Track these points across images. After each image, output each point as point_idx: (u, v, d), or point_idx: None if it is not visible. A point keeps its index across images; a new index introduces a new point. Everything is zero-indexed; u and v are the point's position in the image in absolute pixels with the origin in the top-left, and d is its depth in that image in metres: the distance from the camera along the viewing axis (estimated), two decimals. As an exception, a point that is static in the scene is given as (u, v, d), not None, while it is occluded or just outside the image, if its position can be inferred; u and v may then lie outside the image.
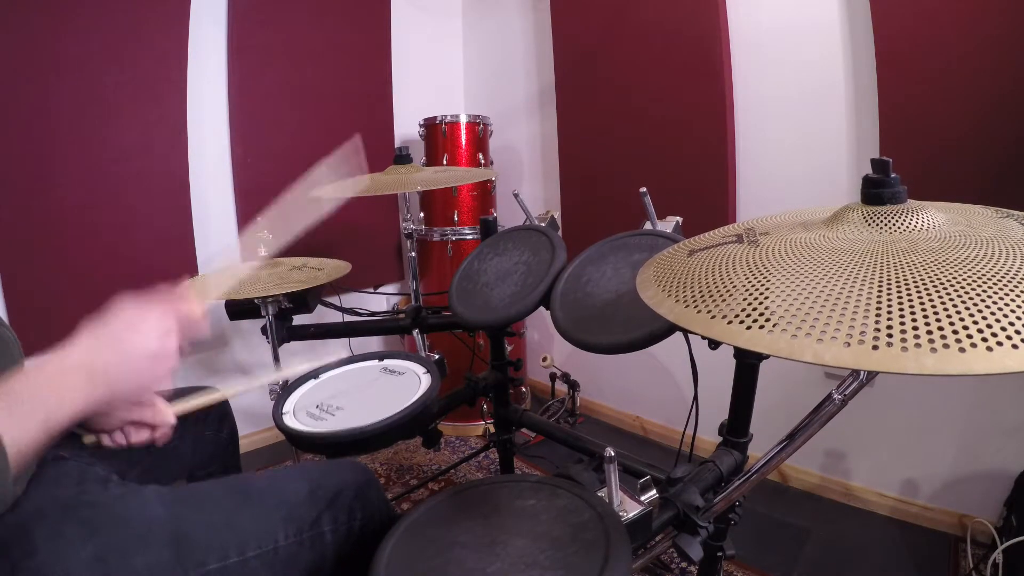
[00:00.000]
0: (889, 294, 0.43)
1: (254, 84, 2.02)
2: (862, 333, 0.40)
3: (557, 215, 1.38)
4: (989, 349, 0.36)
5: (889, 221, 0.54)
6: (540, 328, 2.53)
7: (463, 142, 2.17)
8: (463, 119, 2.16)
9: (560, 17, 2.17)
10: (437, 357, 1.42)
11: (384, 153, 2.21)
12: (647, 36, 1.87)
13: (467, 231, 2.15)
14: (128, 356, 0.57)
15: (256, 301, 1.42)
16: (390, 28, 2.37)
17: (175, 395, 0.95)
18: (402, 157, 1.52)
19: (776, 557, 1.45)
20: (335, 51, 2.20)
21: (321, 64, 2.16)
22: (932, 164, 1.37)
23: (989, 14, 1.26)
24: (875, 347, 0.39)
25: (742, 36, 1.70)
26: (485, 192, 2.23)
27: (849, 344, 0.40)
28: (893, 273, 0.45)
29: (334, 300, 1.78)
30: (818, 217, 0.63)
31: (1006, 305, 0.39)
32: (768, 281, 0.50)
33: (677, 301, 0.54)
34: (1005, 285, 0.41)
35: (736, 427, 0.87)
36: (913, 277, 0.44)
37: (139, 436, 0.68)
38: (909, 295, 0.42)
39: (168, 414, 0.68)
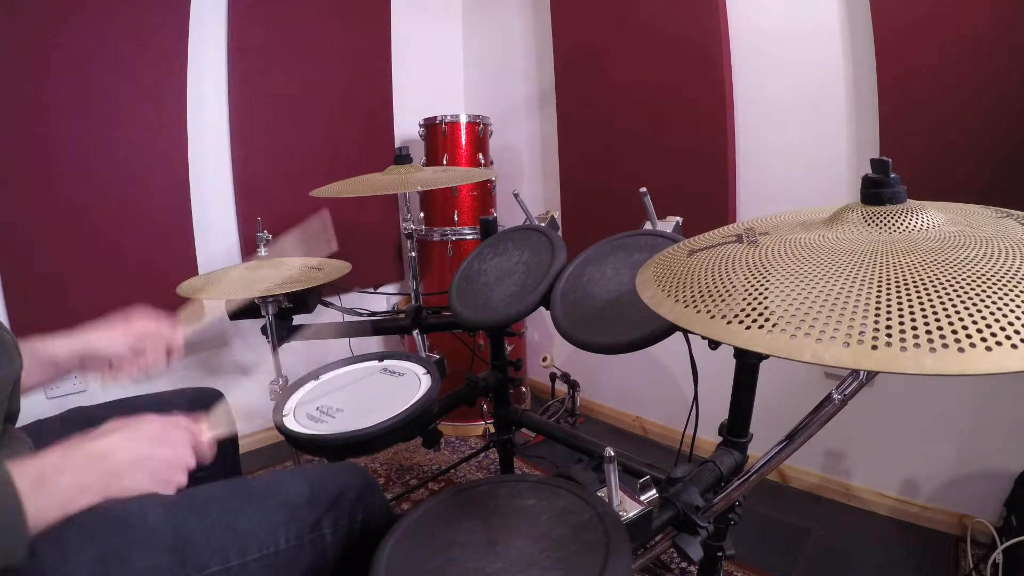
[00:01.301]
0: (888, 294, 0.43)
1: (254, 84, 2.02)
2: (861, 333, 0.40)
3: (557, 215, 1.38)
4: (988, 349, 0.36)
5: (889, 221, 0.54)
6: (540, 328, 2.53)
7: (463, 142, 2.17)
8: (463, 119, 2.16)
9: (560, 17, 2.17)
10: (437, 357, 1.42)
11: (384, 153, 2.22)
12: (647, 36, 1.87)
13: (467, 231, 2.15)
14: (147, 467, 0.61)
15: (256, 301, 1.42)
16: (390, 28, 2.37)
17: (175, 394, 0.96)
18: (402, 157, 1.51)
19: (776, 557, 1.45)
20: (335, 51, 2.20)
21: (321, 64, 2.16)
22: (932, 164, 1.37)
23: (989, 14, 1.26)
24: (874, 347, 0.39)
25: (742, 36, 1.70)
26: (485, 192, 2.23)
27: (848, 344, 0.40)
28: (892, 273, 0.45)
29: (334, 300, 1.78)
30: (818, 217, 0.63)
31: (1005, 305, 0.39)
32: (768, 281, 0.50)
33: (677, 301, 0.54)
34: (1004, 285, 0.41)
35: (736, 427, 0.87)
36: (912, 277, 0.44)
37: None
38: (908, 295, 0.42)
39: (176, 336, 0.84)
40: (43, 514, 0.53)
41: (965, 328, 0.38)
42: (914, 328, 0.39)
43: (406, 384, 1.03)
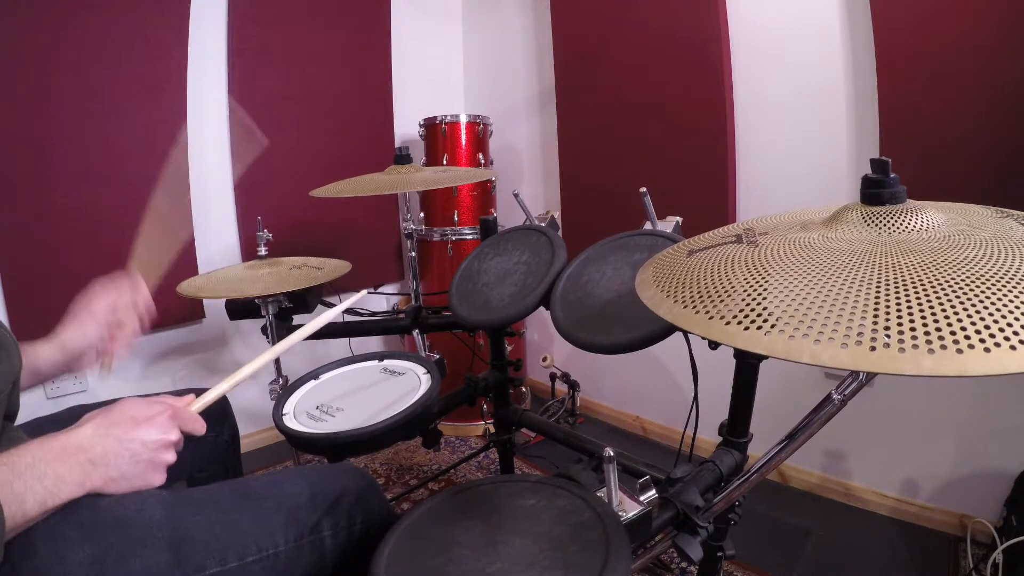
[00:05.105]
0: (887, 295, 0.43)
1: (254, 84, 2.02)
2: (860, 334, 0.40)
3: (557, 215, 1.38)
4: (987, 350, 0.36)
5: (888, 221, 0.54)
6: (540, 328, 2.53)
7: (463, 142, 2.17)
8: (463, 119, 2.16)
9: (560, 17, 2.17)
10: (437, 357, 1.42)
11: (384, 153, 2.22)
12: (647, 36, 1.87)
13: (467, 231, 2.15)
14: (128, 450, 0.60)
15: (256, 301, 1.42)
16: (390, 28, 2.37)
17: (176, 395, 0.95)
18: (402, 157, 1.51)
19: (776, 557, 1.45)
20: (335, 51, 2.20)
21: (321, 64, 2.16)
22: (932, 164, 1.37)
23: (989, 14, 1.26)
24: (873, 348, 0.39)
25: (742, 36, 1.70)
26: (485, 192, 2.23)
27: (847, 345, 0.40)
28: (891, 273, 0.45)
29: (334, 300, 1.78)
30: (817, 217, 0.63)
31: (1004, 306, 0.39)
32: (767, 281, 0.50)
33: (676, 301, 0.54)
34: (1004, 285, 0.41)
35: (736, 427, 0.87)
36: (911, 277, 0.44)
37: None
38: (907, 296, 0.42)
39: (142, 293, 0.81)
40: (20, 510, 0.51)
41: (964, 329, 0.38)
42: (912, 329, 0.39)
43: (406, 383, 1.03)
